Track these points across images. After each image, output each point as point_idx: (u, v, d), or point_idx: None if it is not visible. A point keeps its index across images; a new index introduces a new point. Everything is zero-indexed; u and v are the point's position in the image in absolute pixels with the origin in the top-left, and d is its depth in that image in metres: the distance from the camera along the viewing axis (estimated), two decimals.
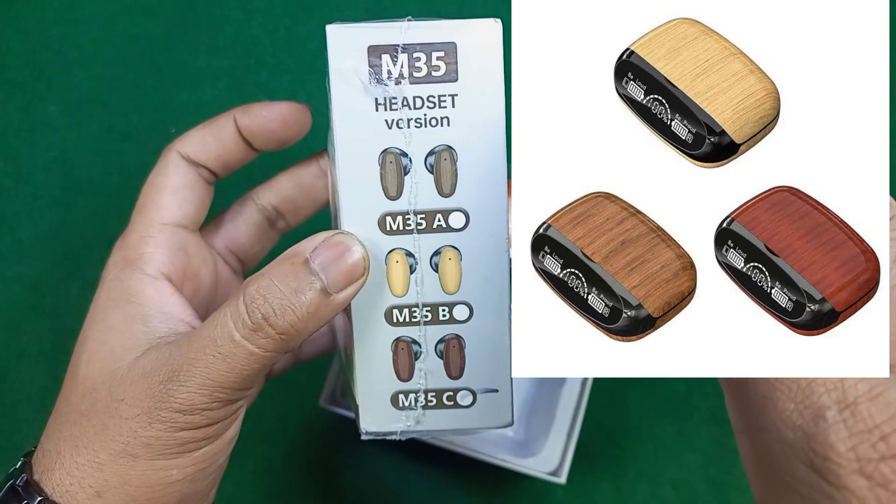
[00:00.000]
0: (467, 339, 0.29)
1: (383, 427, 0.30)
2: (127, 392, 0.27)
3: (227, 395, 0.26)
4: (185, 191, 0.31)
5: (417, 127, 0.27)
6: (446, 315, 0.29)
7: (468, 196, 0.28)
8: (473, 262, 0.28)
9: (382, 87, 0.27)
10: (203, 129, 0.32)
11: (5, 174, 0.49)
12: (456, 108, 0.27)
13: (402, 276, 0.28)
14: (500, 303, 0.29)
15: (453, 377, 0.29)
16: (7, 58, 0.50)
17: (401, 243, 0.28)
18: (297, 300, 0.26)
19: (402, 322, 0.29)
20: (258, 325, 0.26)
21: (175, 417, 0.26)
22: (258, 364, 0.26)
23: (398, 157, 0.27)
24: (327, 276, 0.26)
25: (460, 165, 0.28)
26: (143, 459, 0.26)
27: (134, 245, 0.30)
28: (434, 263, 0.28)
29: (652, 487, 0.45)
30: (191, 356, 0.26)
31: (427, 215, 0.28)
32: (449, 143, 0.27)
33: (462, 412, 0.29)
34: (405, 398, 0.29)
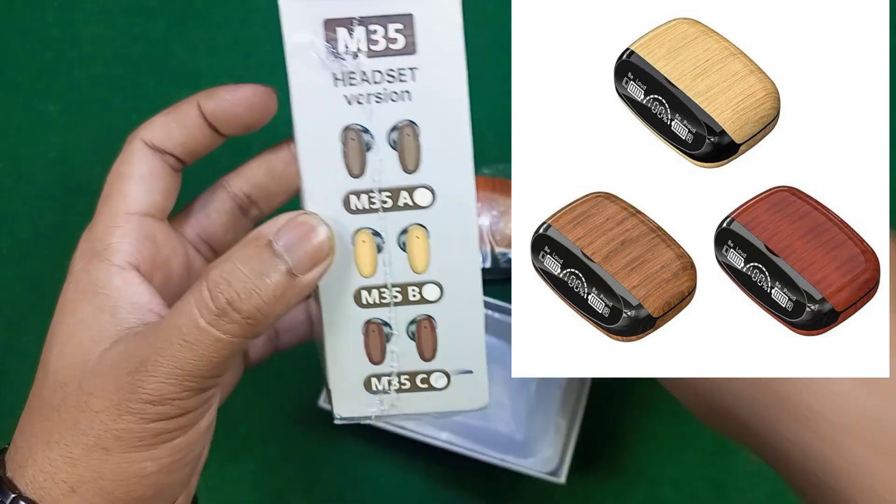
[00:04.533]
0: (439, 320, 0.28)
1: (357, 412, 0.29)
2: (96, 385, 0.27)
3: (197, 384, 0.26)
4: (150, 179, 0.31)
5: (378, 102, 0.27)
6: (416, 295, 0.28)
7: (433, 172, 0.27)
8: (442, 239, 0.28)
9: (340, 61, 0.26)
10: (167, 116, 0.31)
11: (5, 174, 0.49)
12: (416, 82, 0.26)
13: (370, 257, 0.28)
14: (471, 281, 0.28)
15: (426, 359, 0.29)
16: (7, 58, 0.50)
17: (367, 222, 0.28)
18: (262, 283, 0.25)
19: (372, 304, 0.28)
20: (223, 310, 0.25)
21: (145, 409, 0.26)
22: (226, 350, 0.26)
23: (360, 133, 0.27)
24: (292, 258, 0.26)
25: (424, 141, 0.27)
26: (115, 453, 0.26)
27: (100, 236, 0.30)
28: (402, 242, 0.28)
29: (652, 487, 0.45)
30: (157, 346, 0.26)
31: (392, 193, 0.27)
32: (411, 118, 0.27)
33: (437, 395, 0.29)
34: (378, 382, 0.29)
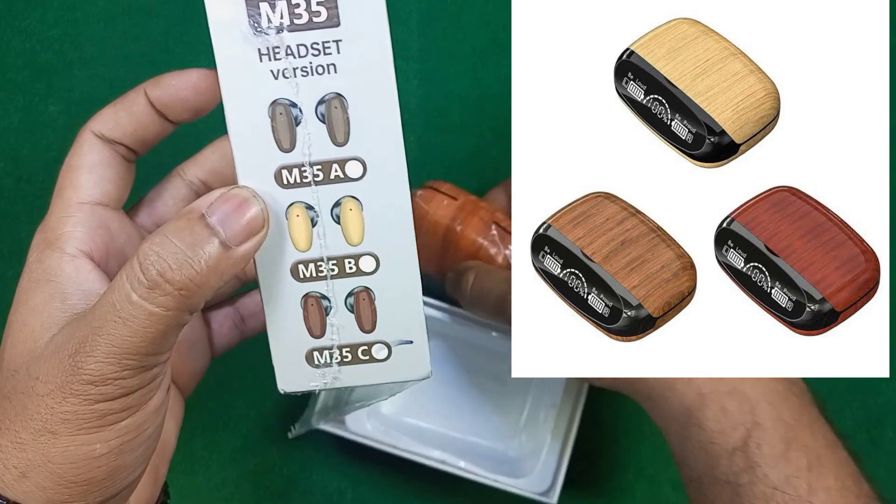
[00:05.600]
0: (377, 291, 0.29)
1: (300, 386, 0.29)
2: (41, 369, 0.27)
3: (137, 362, 0.26)
4: (101, 168, 0.31)
5: (304, 76, 0.27)
6: (353, 267, 0.28)
7: (363, 144, 0.27)
8: (375, 211, 0.28)
9: (263, 36, 0.26)
10: (115, 106, 0.31)
11: (5, 174, 0.49)
12: (341, 55, 0.27)
13: (305, 230, 0.28)
14: (406, 252, 0.28)
15: (366, 331, 0.29)
16: (7, 58, 0.50)
17: (299, 196, 0.28)
18: (194, 254, 0.25)
19: (309, 277, 0.28)
20: (154, 283, 0.25)
21: (87, 390, 0.26)
22: (161, 325, 0.26)
23: (288, 108, 0.27)
24: (226, 230, 0.26)
25: (352, 113, 0.27)
26: (63, 436, 0.26)
27: (53, 226, 0.30)
28: (335, 215, 0.28)
29: (652, 487, 0.45)
30: (94, 325, 0.26)
31: (323, 166, 0.28)
32: (338, 91, 0.27)
33: (378, 366, 0.29)
34: (320, 355, 0.29)
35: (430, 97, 0.49)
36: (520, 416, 0.44)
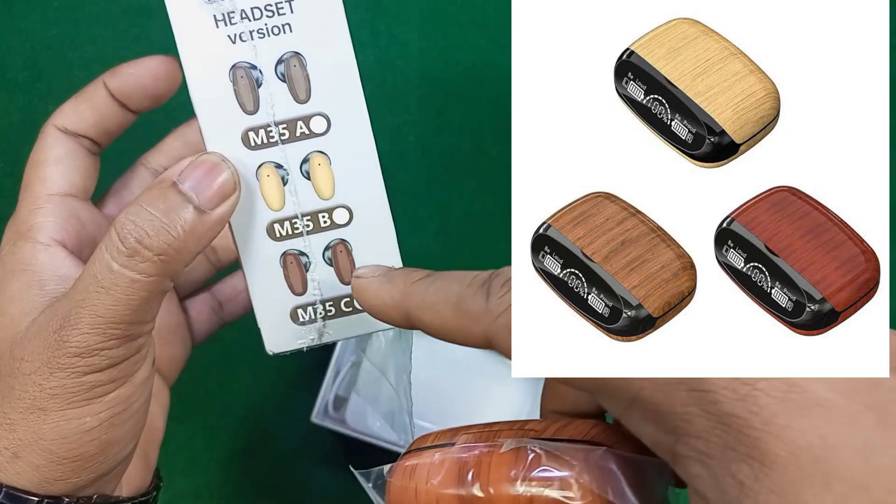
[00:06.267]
0: (353, 243, 0.29)
1: (288, 345, 0.30)
2: (26, 350, 0.27)
3: (122, 331, 0.26)
4: (67, 160, 0.31)
5: (261, 38, 0.27)
6: (327, 221, 0.29)
7: (325, 99, 0.28)
8: (343, 163, 0.28)
9: (217, 3, 0.27)
10: (76, 100, 0.32)
11: (5, 174, 0.49)
12: (294, 14, 0.27)
13: (276, 190, 0.28)
14: (377, 201, 0.29)
15: (346, 282, 0.29)
16: (7, 58, 0.50)
17: (268, 157, 0.28)
18: (170, 220, 0.26)
19: (286, 235, 0.29)
20: (133, 250, 0.26)
21: (75, 363, 0.26)
22: (144, 291, 0.26)
23: (248, 70, 0.28)
24: (199, 195, 0.26)
25: (311, 70, 0.28)
26: (52, 411, 0.26)
27: (24, 218, 0.30)
28: (305, 171, 0.28)
29: None
30: (77, 298, 0.26)
31: (288, 124, 0.28)
32: (295, 49, 0.28)
33: (363, 317, 0.29)
34: (304, 312, 0.29)
35: (430, 97, 0.49)
36: (519, 416, 0.44)
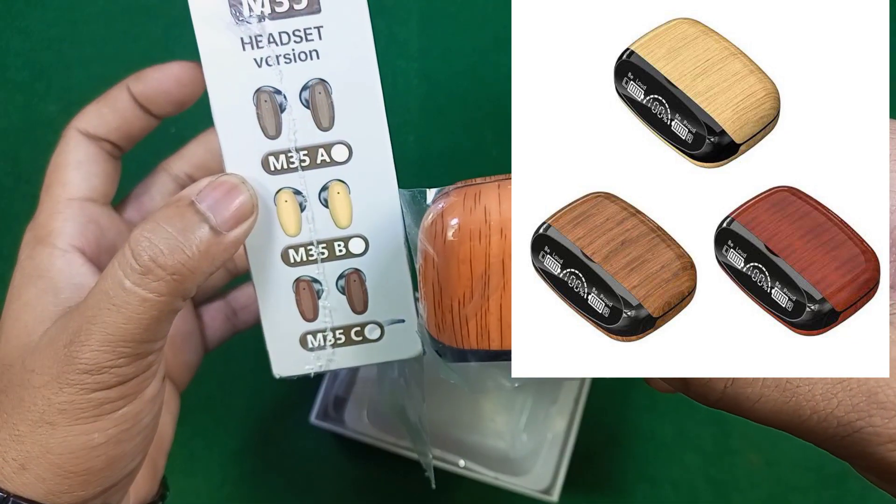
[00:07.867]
0: (367, 273, 0.29)
1: (295, 370, 0.30)
2: (36, 362, 0.27)
3: (132, 349, 0.26)
4: (88, 165, 0.31)
5: (287, 63, 0.27)
6: (342, 250, 0.29)
7: (348, 128, 0.28)
8: (362, 193, 0.28)
9: (245, 25, 0.27)
10: (98, 103, 0.32)
11: (5, 174, 0.49)
12: (323, 40, 0.27)
13: (294, 216, 0.28)
14: (394, 232, 0.29)
15: (358, 312, 0.29)
16: (7, 58, 0.50)
17: (287, 182, 0.28)
18: (185, 239, 0.26)
19: (300, 262, 0.29)
20: (147, 268, 0.25)
21: (83, 379, 0.26)
22: (155, 311, 0.26)
23: (272, 95, 0.27)
24: (216, 216, 0.26)
25: (335, 98, 0.28)
26: (61, 426, 0.26)
27: (43, 223, 0.30)
28: (323, 199, 0.28)
29: (652, 487, 0.45)
30: (87, 314, 0.26)
31: (309, 151, 0.28)
32: (321, 76, 0.27)
33: (372, 346, 0.30)
34: (314, 339, 0.29)
35: (430, 97, 0.49)
36: (520, 416, 0.45)
